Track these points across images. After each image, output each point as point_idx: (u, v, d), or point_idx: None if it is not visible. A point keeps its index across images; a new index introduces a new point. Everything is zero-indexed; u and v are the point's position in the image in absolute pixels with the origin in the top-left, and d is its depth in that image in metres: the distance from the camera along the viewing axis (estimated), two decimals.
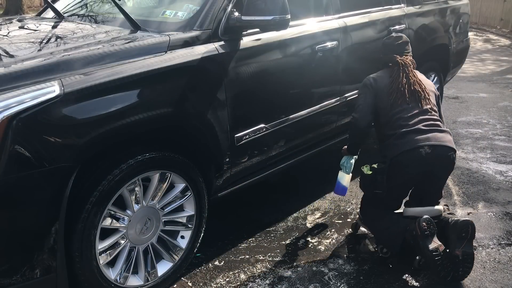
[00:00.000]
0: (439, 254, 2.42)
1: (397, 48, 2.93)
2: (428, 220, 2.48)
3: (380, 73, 2.89)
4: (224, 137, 2.51)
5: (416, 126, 2.65)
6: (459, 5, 4.69)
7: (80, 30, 2.59)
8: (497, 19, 14.65)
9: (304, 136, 3.13)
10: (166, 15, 2.64)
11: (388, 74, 2.84)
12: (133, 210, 2.25)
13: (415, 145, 2.58)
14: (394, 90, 2.74)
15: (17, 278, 1.87)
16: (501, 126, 5.07)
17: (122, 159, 2.13)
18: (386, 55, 2.94)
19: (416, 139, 2.60)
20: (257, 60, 2.64)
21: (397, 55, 2.87)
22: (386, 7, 3.76)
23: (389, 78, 2.80)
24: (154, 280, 2.39)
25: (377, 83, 2.81)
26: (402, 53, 2.90)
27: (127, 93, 2.07)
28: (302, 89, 3.00)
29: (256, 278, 2.54)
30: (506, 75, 7.98)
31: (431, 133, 2.63)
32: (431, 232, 2.46)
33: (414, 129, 2.64)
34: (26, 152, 1.78)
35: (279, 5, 2.40)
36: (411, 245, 2.55)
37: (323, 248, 2.82)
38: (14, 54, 2.13)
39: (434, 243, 2.44)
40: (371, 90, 2.81)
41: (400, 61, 2.83)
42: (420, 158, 2.57)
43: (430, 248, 2.42)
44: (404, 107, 2.71)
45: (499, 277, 2.54)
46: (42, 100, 1.80)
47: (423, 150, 2.57)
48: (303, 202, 3.36)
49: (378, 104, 2.79)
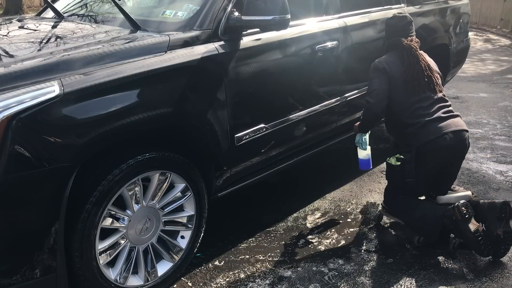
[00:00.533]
0: (480, 234, 2.57)
1: (402, 29, 2.96)
2: (466, 205, 2.62)
3: (389, 58, 2.91)
4: (224, 137, 2.50)
5: (436, 114, 2.78)
6: (459, 5, 4.69)
7: (80, 30, 2.59)
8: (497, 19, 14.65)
9: (304, 136, 3.13)
10: (166, 15, 2.63)
11: (397, 59, 2.88)
12: (133, 210, 2.25)
13: (439, 133, 2.72)
14: (410, 78, 2.81)
15: (17, 278, 1.87)
16: (501, 126, 5.07)
17: (122, 159, 2.13)
18: (391, 38, 2.97)
19: (439, 127, 2.74)
20: (257, 60, 2.64)
21: (403, 38, 2.91)
22: (386, 7, 3.76)
23: (401, 65, 2.85)
24: (154, 280, 2.39)
25: (391, 69, 2.85)
26: (407, 35, 2.94)
27: (127, 93, 2.06)
28: (302, 89, 2.99)
29: (256, 278, 2.54)
30: (506, 75, 7.98)
31: (450, 120, 2.78)
32: (470, 215, 2.60)
33: (436, 117, 2.77)
34: (26, 152, 1.78)
35: (279, 5, 2.39)
36: (450, 229, 2.69)
37: (323, 248, 2.82)
38: (14, 54, 2.13)
39: (474, 225, 2.59)
40: (386, 76, 2.84)
41: (407, 45, 2.88)
42: (446, 145, 2.72)
43: (472, 230, 2.56)
44: (422, 96, 2.82)
45: (499, 277, 2.54)
46: (42, 100, 1.80)
47: (447, 137, 2.72)
48: (303, 202, 3.36)
49: (393, 91, 2.84)
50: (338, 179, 3.72)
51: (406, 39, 2.91)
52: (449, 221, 2.65)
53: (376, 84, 2.85)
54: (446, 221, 2.66)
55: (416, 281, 2.52)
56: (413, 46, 2.89)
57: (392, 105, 2.86)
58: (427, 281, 2.52)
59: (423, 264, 2.66)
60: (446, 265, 2.65)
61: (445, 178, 2.92)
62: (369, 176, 3.78)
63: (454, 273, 2.57)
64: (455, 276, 2.55)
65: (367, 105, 2.88)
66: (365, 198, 3.44)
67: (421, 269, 2.61)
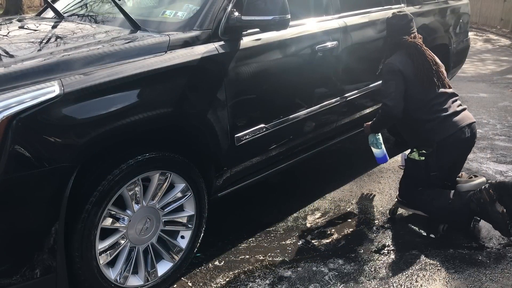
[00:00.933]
0: (505, 215, 2.70)
1: (404, 28, 3.03)
2: (492, 187, 2.76)
3: (399, 58, 2.96)
4: (224, 137, 2.50)
5: (452, 109, 2.93)
6: (459, 5, 4.69)
7: (80, 30, 2.59)
8: (497, 19, 14.65)
9: (304, 136, 3.13)
10: (166, 15, 2.64)
11: (407, 58, 2.94)
12: (133, 210, 2.25)
13: (458, 127, 2.88)
14: (424, 77, 2.91)
15: (17, 278, 1.87)
16: (501, 126, 5.07)
17: (122, 159, 2.13)
18: (395, 37, 3.03)
19: (457, 121, 2.89)
20: (257, 60, 2.64)
21: (406, 36, 2.97)
22: (386, 7, 3.76)
23: (411, 63, 2.92)
24: (154, 280, 2.39)
25: (405, 69, 2.91)
26: (409, 33, 2.98)
27: (127, 93, 2.06)
28: (302, 89, 2.99)
29: (256, 278, 2.54)
30: (506, 75, 7.98)
31: (463, 113, 2.95)
32: (496, 197, 2.73)
33: (452, 112, 2.91)
34: (26, 152, 1.78)
35: (279, 5, 2.39)
36: (477, 213, 2.81)
37: (323, 248, 2.82)
38: (14, 54, 2.13)
39: (500, 207, 2.71)
40: (401, 77, 2.90)
41: (412, 43, 2.95)
42: (464, 138, 2.89)
43: (500, 211, 2.69)
44: (437, 93, 2.93)
45: (499, 277, 2.54)
46: (42, 100, 1.80)
47: (465, 130, 2.89)
48: (303, 202, 3.36)
49: (410, 90, 2.91)
50: (338, 179, 3.72)
51: (409, 36, 2.93)
52: (476, 204, 2.76)
53: (393, 86, 2.90)
54: (473, 205, 2.77)
55: (416, 281, 2.52)
56: (418, 43, 2.96)
57: (408, 103, 2.92)
58: (427, 281, 2.52)
59: (423, 264, 2.66)
60: (446, 265, 2.65)
61: (457, 168, 3.05)
62: (369, 176, 3.78)
63: (454, 273, 2.58)
64: (455, 276, 2.55)
65: (385, 108, 2.92)
66: (365, 198, 3.44)
67: (421, 269, 2.61)
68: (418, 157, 2.95)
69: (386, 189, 3.57)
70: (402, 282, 2.51)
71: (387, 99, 2.91)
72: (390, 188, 3.58)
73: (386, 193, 3.51)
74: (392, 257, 2.73)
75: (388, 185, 3.63)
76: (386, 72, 2.96)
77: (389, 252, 2.78)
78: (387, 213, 3.20)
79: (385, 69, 2.97)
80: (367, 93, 3.54)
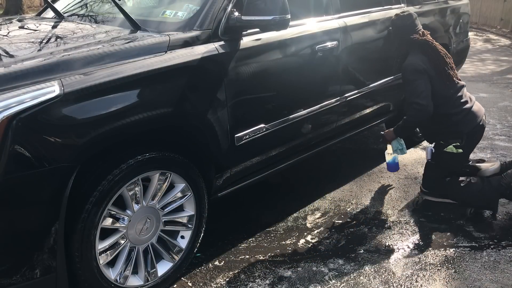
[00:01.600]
0: None
1: (410, 27, 3.11)
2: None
3: (417, 57, 3.04)
4: (224, 137, 2.50)
5: (471, 101, 3.09)
6: (459, 5, 4.69)
7: (80, 30, 2.59)
8: (497, 19, 14.64)
9: (304, 136, 3.13)
10: (166, 15, 2.64)
11: (424, 56, 3.01)
12: (133, 210, 2.25)
13: (480, 118, 3.06)
14: (444, 73, 3.00)
15: (17, 278, 1.87)
16: (501, 126, 5.07)
17: (122, 159, 2.13)
18: (404, 38, 3.10)
19: (477, 112, 3.07)
20: (257, 60, 2.64)
21: (416, 35, 3.05)
22: (386, 7, 3.76)
23: (429, 60, 3.01)
24: (154, 280, 2.39)
25: (428, 67, 2.99)
26: (416, 31, 3.03)
27: (127, 93, 2.06)
28: (302, 89, 2.99)
29: (256, 278, 2.54)
30: (506, 75, 7.98)
31: (476, 102, 3.13)
32: None
33: (472, 104, 3.08)
34: (26, 152, 1.78)
35: (279, 5, 2.39)
36: (506, 195, 3.01)
37: (323, 248, 2.82)
38: (14, 54, 2.13)
39: None
40: (427, 75, 2.99)
41: (423, 40, 3.03)
42: (483, 126, 3.10)
43: None
44: (457, 87, 3.06)
45: (499, 277, 2.54)
46: (42, 100, 1.80)
47: (483, 119, 3.09)
48: (303, 202, 3.36)
49: (435, 86, 3.00)
50: (338, 179, 3.72)
51: (418, 34, 2.98)
52: (506, 187, 2.96)
53: (422, 85, 2.97)
54: (503, 188, 2.97)
55: (416, 281, 2.52)
56: (429, 40, 3.04)
57: (434, 100, 2.99)
58: (427, 281, 2.52)
59: (423, 264, 2.66)
60: (446, 265, 2.65)
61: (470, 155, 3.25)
62: (369, 176, 3.78)
63: (454, 273, 2.58)
64: (455, 276, 2.55)
65: (419, 108, 2.97)
66: (365, 198, 3.44)
67: (421, 269, 2.61)
68: (456, 150, 3.04)
69: (386, 189, 3.57)
70: (402, 282, 2.52)
71: (419, 99, 2.96)
72: (390, 187, 3.58)
73: (386, 192, 3.51)
74: (392, 257, 2.73)
75: (388, 185, 3.63)
76: (411, 73, 3.01)
77: (389, 252, 2.78)
78: (387, 213, 3.20)
79: (409, 69, 3.02)
80: (367, 93, 3.54)
